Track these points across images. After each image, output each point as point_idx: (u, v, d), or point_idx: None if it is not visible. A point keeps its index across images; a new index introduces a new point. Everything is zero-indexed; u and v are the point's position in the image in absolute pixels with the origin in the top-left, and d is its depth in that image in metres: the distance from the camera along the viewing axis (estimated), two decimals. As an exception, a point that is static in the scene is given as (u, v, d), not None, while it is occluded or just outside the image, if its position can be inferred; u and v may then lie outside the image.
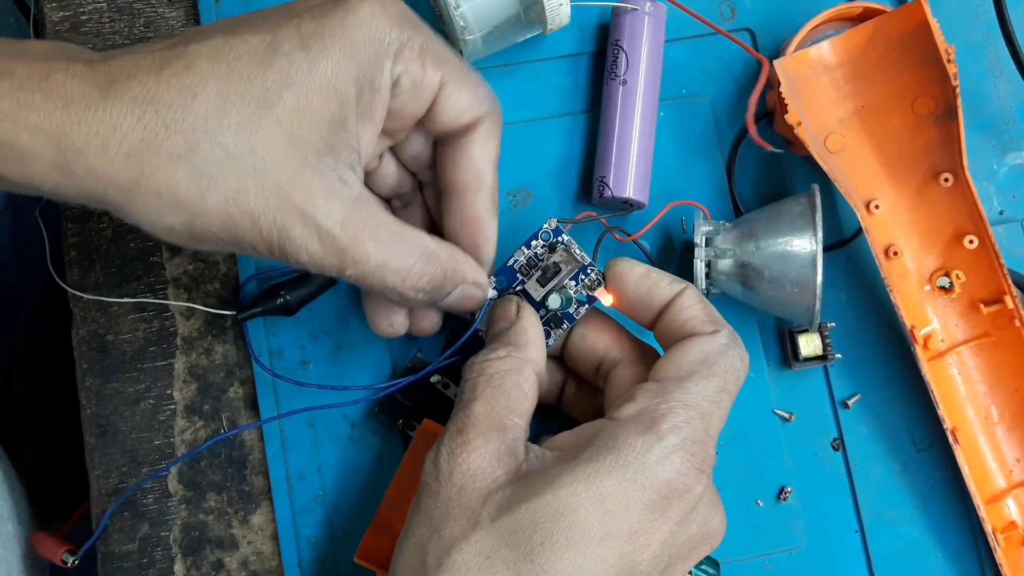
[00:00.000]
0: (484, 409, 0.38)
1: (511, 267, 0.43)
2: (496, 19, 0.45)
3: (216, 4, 0.49)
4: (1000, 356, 0.47)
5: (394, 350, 0.48)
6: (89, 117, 0.33)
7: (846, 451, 0.48)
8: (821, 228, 0.43)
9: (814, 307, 0.43)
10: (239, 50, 0.35)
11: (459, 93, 0.39)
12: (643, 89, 0.47)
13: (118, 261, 0.48)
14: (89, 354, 0.48)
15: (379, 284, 0.38)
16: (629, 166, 0.47)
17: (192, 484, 0.47)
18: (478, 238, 0.42)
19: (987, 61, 0.50)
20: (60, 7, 0.49)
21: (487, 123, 0.41)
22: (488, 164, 0.41)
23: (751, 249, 0.44)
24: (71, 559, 0.47)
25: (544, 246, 0.43)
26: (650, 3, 0.47)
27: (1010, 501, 0.47)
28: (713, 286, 0.46)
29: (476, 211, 0.42)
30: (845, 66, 0.47)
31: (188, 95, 0.34)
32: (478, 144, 0.41)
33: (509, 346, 0.40)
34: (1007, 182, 0.50)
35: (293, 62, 0.35)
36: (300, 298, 0.46)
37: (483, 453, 0.37)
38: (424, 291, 0.38)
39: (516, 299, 0.42)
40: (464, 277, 0.40)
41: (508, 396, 0.38)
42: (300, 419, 0.47)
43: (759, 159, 0.50)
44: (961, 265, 0.47)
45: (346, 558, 0.46)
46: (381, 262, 0.37)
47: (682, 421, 0.36)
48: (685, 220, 0.49)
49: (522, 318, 0.41)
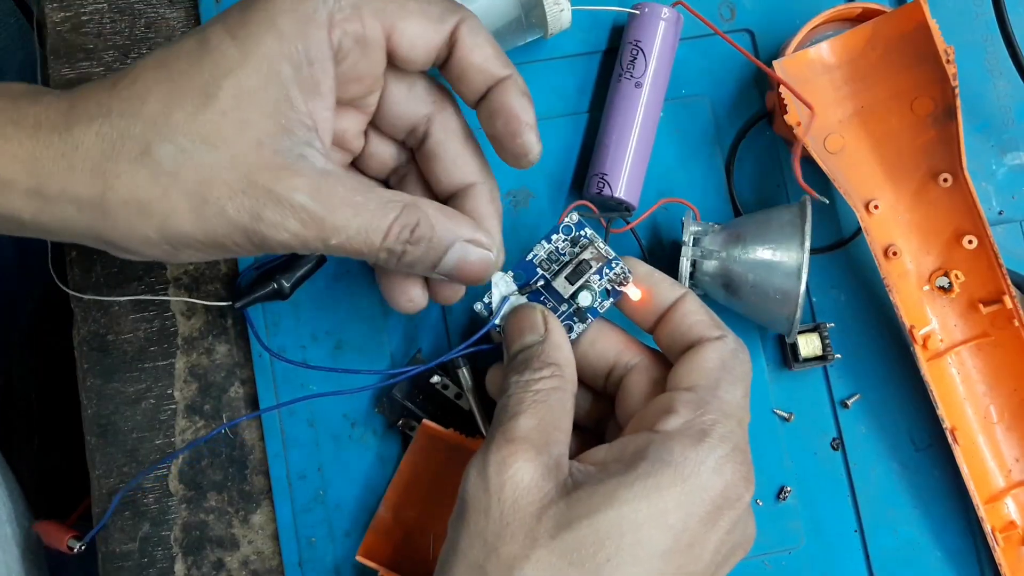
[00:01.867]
0: (531, 423, 0.37)
1: (530, 262, 0.42)
2: (497, 24, 0.45)
3: (217, 4, 0.49)
4: (999, 356, 0.47)
5: (394, 349, 0.48)
6: (55, 140, 0.35)
7: (845, 451, 0.48)
8: (809, 238, 0.43)
9: (795, 316, 0.43)
10: (177, 53, 0.36)
11: (411, 28, 0.38)
12: (656, 93, 0.47)
13: (118, 261, 0.48)
14: (90, 354, 0.48)
15: (367, 248, 0.37)
16: (636, 169, 0.47)
17: (193, 483, 0.47)
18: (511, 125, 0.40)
19: (986, 61, 0.50)
20: (61, 8, 0.49)
21: (464, 28, 0.39)
22: (491, 60, 0.39)
23: (737, 253, 0.44)
24: (77, 544, 0.47)
25: (566, 240, 0.42)
26: (667, 9, 0.47)
27: (1009, 501, 0.47)
28: (696, 288, 0.46)
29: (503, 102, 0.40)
30: (844, 66, 0.47)
31: (137, 102, 0.35)
32: (470, 51, 0.39)
33: (552, 366, 0.39)
34: (1006, 182, 0.50)
35: (224, 52, 0.36)
36: (293, 280, 0.45)
37: (535, 466, 0.36)
38: (412, 244, 0.38)
39: (540, 308, 0.41)
40: (458, 232, 0.39)
41: (553, 413, 0.38)
42: (301, 419, 0.47)
43: (758, 159, 0.50)
44: (960, 265, 0.47)
45: (346, 558, 0.47)
46: (362, 224, 0.37)
47: (728, 431, 0.36)
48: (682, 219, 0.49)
49: (553, 331, 0.40)
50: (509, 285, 0.42)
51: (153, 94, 0.35)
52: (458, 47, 0.39)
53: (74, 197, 0.35)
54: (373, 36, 0.37)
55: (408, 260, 0.38)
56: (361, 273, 0.48)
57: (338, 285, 0.48)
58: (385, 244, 0.37)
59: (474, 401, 0.46)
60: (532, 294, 0.43)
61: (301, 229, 0.36)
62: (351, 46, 0.37)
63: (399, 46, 0.38)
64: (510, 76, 0.40)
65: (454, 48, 0.39)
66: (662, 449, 0.36)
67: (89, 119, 0.35)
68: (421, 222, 0.38)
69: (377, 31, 0.37)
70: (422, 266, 0.39)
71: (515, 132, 0.40)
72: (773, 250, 0.43)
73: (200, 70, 0.35)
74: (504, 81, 0.40)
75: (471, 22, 0.39)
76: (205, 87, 0.35)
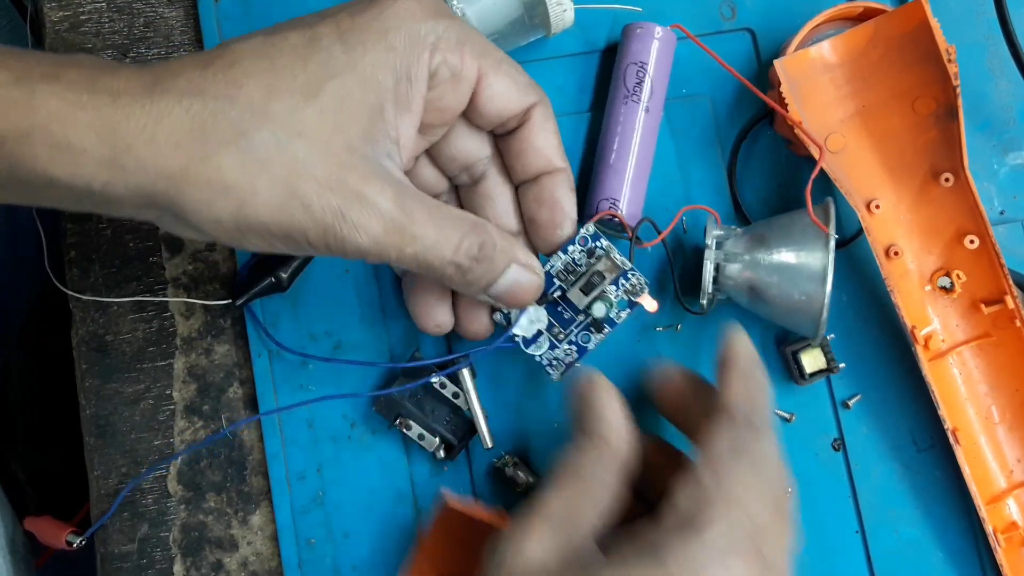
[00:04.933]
0: (559, 501, 0.37)
1: (547, 272, 0.43)
2: (500, 23, 0.45)
3: (216, 4, 0.49)
4: (1001, 356, 0.47)
5: (394, 350, 0.48)
6: (137, 111, 0.34)
7: (847, 451, 0.48)
8: (834, 240, 0.42)
9: (820, 318, 0.43)
10: (280, 46, 0.36)
11: (499, 83, 0.40)
12: (659, 112, 0.47)
13: (117, 261, 0.48)
14: (89, 354, 0.48)
15: (437, 261, 0.38)
16: (639, 194, 0.47)
17: (192, 484, 0.47)
18: (556, 216, 0.42)
19: (988, 61, 0.50)
20: (59, 7, 0.49)
21: (539, 110, 0.41)
22: (553, 149, 0.42)
23: (761, 256, 0.44)
24: (76, 540, 0.47)
25: (582, 251, 0.43)
26: (660, 28, 0.47)
27: (1011, 501, 0.47)
28: (720, 292, 0.46)
29: (553, 192, 0.42)
30: (845, 66, 0.47)
31: (234, 87, 0.35)
32: (537, 133, 0.41)
33: (597, 438, 0.39)
34: (1008, 182, 0.50)
35: (333, 55, 0.36)
36: (291, 271, 0.46)
37: (545, 547, 0.36)
38: (476, 260, 0.38)
39: (592, 375, 0.41)
40: (515, 255, 0.40)
41: (588, 491, 0.37)
42: (300, 419, 0.47)
43: (760, 159, 0.50)
44: (962, 265, 0.47)
45: (346, 558, 0.46)
46: (438, 237, 0.37)
47: (726, 527, 0.34)
48: (686, 221, 0.49)
49: (597, 401, 0.39)
50: None
51: (253, 82, 0.35)
52: (528, 125, 0.41)
53: (152, 168, 0.34)
54: (468, 74, 0.39)
55: (470, 278, 0.39)
56: (361, 273, 0.48)
57: (338, 285, 0.48)
58: (455, 258, 0.38)
59: (475, 402, 0.46)
60: (549, 305, 0.43)
61: (382, 235, 0.36)
62: (446, 76, 0.38)
63: (481, 95, 0.40)
64: (564, 169, 0.42)
65: (524, 124, 0.41)
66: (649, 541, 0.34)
67: (179, 94, 0.35)
68: (487, 241, 0.39)
69: (472, 71, 0.39)
70: (478, 286, 0.40)
71: (558, 224, 0.42)
72: (797, 252, 0.43)
73: (305, 68, 0.36)
74: (558, 173, 0.42)
75: (547, 107, 0.42)
76: (308, 85, 0.36)
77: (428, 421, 0.46)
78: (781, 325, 0.47)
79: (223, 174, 0.35)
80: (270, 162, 0.35)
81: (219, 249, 0.49)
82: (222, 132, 0.35)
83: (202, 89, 0.35)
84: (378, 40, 0.36)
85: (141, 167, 0.34)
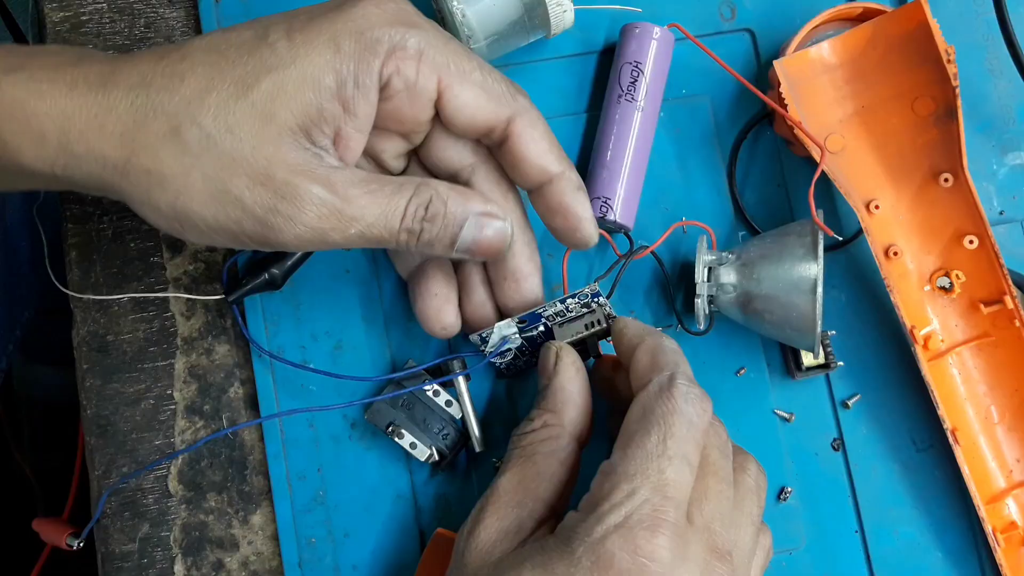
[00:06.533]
0: (508, 484, 0.38)
1: (538, 314, 0.43)
2: (500, 25, 0.45)
3: (216, 5, 0.49)
4: (1000, 356, 0.47)
5: (394, 351, 0.48)
6: (90, 101, 0.36)
7: (846, 451, 0.48)
8: (822, 262, 0.42)
9: (814, 336, 0.43)
10: (232, 40, 0.37)
11: (466, 94, 0.39)
12: (655, 113, 0.47)
13: (118, 261, 0.48)
14: (89, 354, 0.48)
15: (388, 233, 0.38)
16: (634, 194, 0.47)
17: (192, 484, 0.47)
18: (569, 222, 0.42)
19: (987, 61, 0.50)
20: (60, 8, 0.49)
21: (523, 119, 0.40)
22: (545, 156, 0.41)
23: (752, 287, 0.44)
24: (75, 542, 0.47)
25: (579, 304, 0.43)
26: (658, 29, 0.47)
27: (1010, 501, 0.47)
28: (718, 312, 0.46)
29: (560, 199, 0.41)
30: (845, 66, 0.47)
31: (177, 80, 0.36)
32: (525, 143, 0.40)
33: (545, 413, 0.39)
34: (1007, 182, 0.50)
35: (276, 51, 0.36)
36: (285, 269, 0.46)
37: (492, 532, 0.37)
38: (428, 221, 0.38)
39: (556, 346, 0.41)
40: (468, 207, 0.39)
41: (537, 469, 0.38)
42: (300, 419, 0.47)
43: (759, 160, 0.50)
44: (961, 265, 0.47)
45: (346, 558, 0.46)
46: (380, 209, 0.37)
47: (623, 497, 0.34)
48: (686, 224, 0.49)
49: (559, 372, 0.40)
50: (511, 327, 0.43)
51: (194, 75, 0.36)
52: (513, 136, 0.40)
53: (100, 157, 0.36)
54: (424, 87, 0.38)
55: (427, 239, 0.39)
56: (361, 273, 0.48)
57: (338, 285, 0.48)
58: (404, 225, 0.38)
59: (468, 407, 0.46)
60: (529, 338, 0.44)
61: (317, 221, 0.36)
62: (400, 88, 0.38)
63: (447, 105, 0.39)
64: (563, 173, 0.41)
65: (510, 136, 0.40)
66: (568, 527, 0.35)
67: (128, 87, 0.36)
68: (433, 199, 0.38)
69: (430, 84, 0.38)
70: (441, 245, 0.39)
71: (575, 228, 0.42)
72: (788, 278, 0.43)
73: (246, 61, 0.36)
74: (558, 178, 0.41)
75: (530, 114, 0.40)
76: (245, 78, 0.36)
77: (419, 430, 0.45)
78: (778, 341, 0.47)
79: (161, 166, 0.36)
80: (202, 156, 0.36)
81: (220, 249, 0.49)
82: (159, 126, 0.36)
83: (149, 82, 0.36)
84: (327, 42, 0.36)
85: (91, 155, 0.36)
